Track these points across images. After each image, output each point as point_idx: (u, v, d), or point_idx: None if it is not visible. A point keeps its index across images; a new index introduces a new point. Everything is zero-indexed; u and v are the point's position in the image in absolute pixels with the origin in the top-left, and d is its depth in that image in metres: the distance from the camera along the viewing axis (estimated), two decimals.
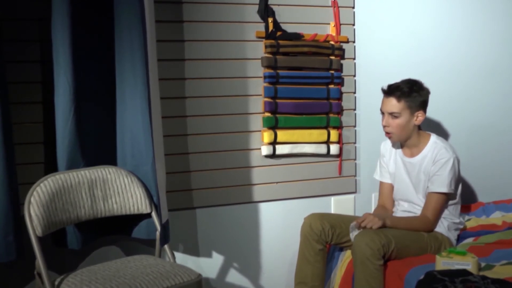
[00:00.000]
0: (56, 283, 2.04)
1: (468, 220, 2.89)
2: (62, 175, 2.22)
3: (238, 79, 2.75)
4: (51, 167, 2.36)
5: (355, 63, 2.97)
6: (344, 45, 2.91)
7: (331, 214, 2.79)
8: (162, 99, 2.54)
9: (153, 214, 2.34)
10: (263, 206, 2.86)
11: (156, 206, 2.35)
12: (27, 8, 2.37)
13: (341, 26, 2.89)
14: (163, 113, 2.52)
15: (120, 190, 2.32)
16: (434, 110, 3.06)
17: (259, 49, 2.76)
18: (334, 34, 2.88)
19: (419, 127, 2.59)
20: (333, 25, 2.88)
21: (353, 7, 2.94)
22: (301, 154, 2.89)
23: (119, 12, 2.29)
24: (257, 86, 2.78)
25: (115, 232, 2.47)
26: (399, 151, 2.68)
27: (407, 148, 2.64)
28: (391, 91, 2.52)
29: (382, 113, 2.58)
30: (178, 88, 2.66)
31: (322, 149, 2.91)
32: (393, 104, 2.51)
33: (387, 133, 2.57)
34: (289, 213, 2.89)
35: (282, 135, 2.81)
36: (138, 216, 2.39)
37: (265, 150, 2.80)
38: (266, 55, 2.77)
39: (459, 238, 2.69)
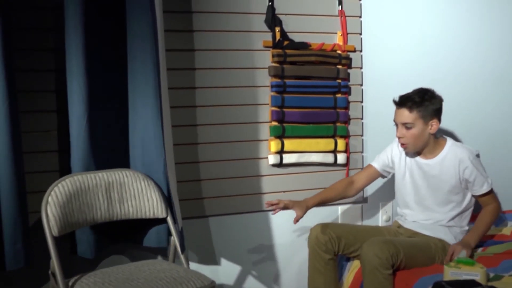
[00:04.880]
0: (70, 283, 2.04)
1: None
2: (80, 176, 2.23)
3: (246, 88, 2.76)
4: (65, 175, 2.36)
5: (362, 72, 2.97)
6: (351, 54, 2.92)
7: (337, 224, 2.78)
8: (171, 108, 2.56)
9: (169, 219, 2.34)
10: (270, 216, 2.86)
11: (171, 211, 2.35)
12: (40, 17, 2.39)
13: (348, 35, 2.90)
14: (172, 122, 2.54)
15: (136, 194, 2.32)
16: (443, 118, 3.06)
17: (266, 59, 2.77)
18: (341, 43, 2.88)
19: (435, 135, 2.56)
20: (340, 34, 2.89)
21: (360, 17, 2.94)
22: (308, 163, 2.89)
23: (131, 21, 2.32)
24: (264, 95, 2.79)
25: (124, 240, 2.47)
26: (414, 156, 2.63)
27: (423, 154, 2.61)
28: (402, 102, 2.50)
29: (396, 124, 2.56)
30: (187, 97, 2.67)
31: (329, 158, 2.90)
32: (406, 114, 2.49)
33: (402, 144, 2.55)
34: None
35: (289, 144, 2.81)
36: (148, 224, 2.39)
37: (272, 159, 2.80)
38: (273, 64, 2.78)
39: None
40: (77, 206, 2.19)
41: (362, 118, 2.99)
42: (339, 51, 2.88)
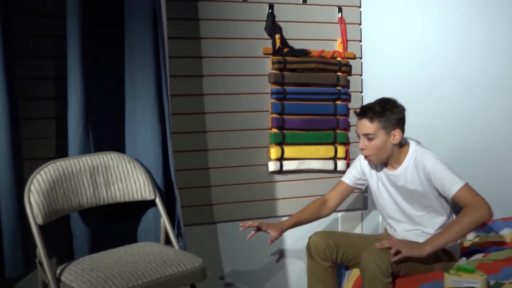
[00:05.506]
0: (58, 271, 2.01)
1: (477, 236, 2.87)
2: (63, 162, 2.19)
3: (246, 95, 2.76)
4: None
5: (362, 79, 2.98)
6: (351, 62, 2.93)
7: (336, 232, 2.76)
8: (171, 115, 2.57)
9: (157, 201, 2.32)
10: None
11: (160, 192, 2.33)
12: (41, 24, 2.40)
13: (348, 42, 2.91)
14: (172, 128, 2.54)
15: (123, 177, 2.29)
16: (441, 125, 3.07)
17: (267, 66, 2.78)
18: (341, 50, 2.89)
19: (399, 144, 2.47)
20: (340, 41, 2.90)
21: (360, 24, 2.95)
22: (308, 170, 2.89)
23: (130, 28, 2.34)
24: (265, 102, 2.79)
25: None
26: (381, 167, 2.56)
27: (389, 164, 2.52)
28: (363, 112, 2.43)
29: (358, 136, 2.49)
30: (187, 104, 2.67)
31: (329, 165, 2.90)
32: (367, 125, 2.41)
33: (366, 156, 2.48)
34: (296, 229, 2.87)
35: (289, 151, 2.82)
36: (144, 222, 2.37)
37: (272, 166, 2.80)
38: (273, 71, 2.78)
39: (468, 253, 2.66)
40: (62, 192, 2.14)
41: None
42: (339, 58, 2.89)
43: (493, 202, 3.19)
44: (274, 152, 2.79)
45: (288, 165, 2.83)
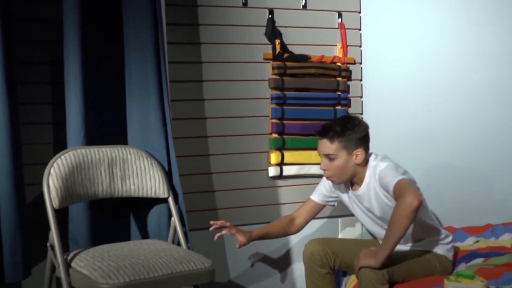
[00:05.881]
0: (69, 258, 2.03)
1: (477, 241, 2.86)
2: (83, 150, 2.22)
3: (246, 100, 2.77)
4: None
5: (361, 85, 2.98)
6: (351, 67, 2.93)
7: (333, 239, 2.72)
8: (172, 120, 2.57)
9: (170, 199, 2.34)
10: None
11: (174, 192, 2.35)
12: (40, 31, 2.41)
13: (348, 47, 2.92)
14: (175, 134, 2.55)
15: (139, 172, 2.31)
16: (441, 130, 3.06)
17: (267, 71, 2.79)
18: (341, 55, 2.90)
19: (364, 163, 2.36)
20: (340, 46, 2.90)
21: (360, 29, 2.96)
22: (308, 175, 2.89)
23: (128, 32, 2.35)
24: (265, 107, 2.80)
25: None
26: (347, 187, 2.48)
27: (354, 183, 2.44)
28: (323, 132, 2.33)
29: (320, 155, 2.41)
30: (187, 109, 2.68)
31: None
32: (327, 146, 2.31)
33: (328, 177, 2.40)
34: (296, 234, 2.88)
35: (289, 156, 2.82)
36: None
37: (272, 171, 2.81)
38: (273, 76, 2.79)
39: (467, 258, 2.65)
40: (79, 179, 2.17)
41: None
42: (339, 63, 2.89)
43: (494, 207, 3.23)
44: (274, 157, 2.79)
45: (288, 170, 2.83)
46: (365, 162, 2.37)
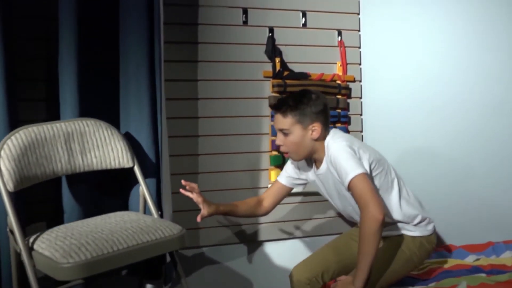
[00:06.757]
0: (31, 240, 1.95)
1: (477, 259, 2.85)
2: (36, 128, 2.11)
3: (246, 118, 2.77)
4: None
5: (361, 102, 2.99)
6: (351, 85, 2.94)
7: (315, 256, 2.50)
8: (171, 137, 2.58)
9: (136, 168, 2.27)
10: (269, 245, 2.85)
11: (136, 160, 2.29)
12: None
13: (348, 65, 2.93)
14: (172, 151, 2.55)
15: (99, 144, 2.23)
16: (441, 148, 3.06)
17: (267, 89, 2.80)
18: (340, 73, 2.91)
19: (322, 139, 2.27)
20: (339, 64, 2.92)
21: (359, 47, 2.98)
22: (308, 193, 2.88)
23: (126, 47, 2.37)
24: (264, 125, 2.80)
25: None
26: (310, 165, 2.41)
27: (316, 161, 2.35)
28: (277, 106, 2.27)
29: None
30: (187, 126, 2.68)
31: None
32: (281, 120, 2.24)
33: (285, 154, 2.31)
34: (296, 252, 2.86)
35: None
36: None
37: None
38: (274, 94, 2.80)
39: (470, 271, 2.63)
40: (34, 159, 2.06)
41: None
42: (338, 81, 2.91)
43: (495, 224, 3.22)
44: (274, 174, 2.78)
45: None
46: (324, 138, 2.28)
